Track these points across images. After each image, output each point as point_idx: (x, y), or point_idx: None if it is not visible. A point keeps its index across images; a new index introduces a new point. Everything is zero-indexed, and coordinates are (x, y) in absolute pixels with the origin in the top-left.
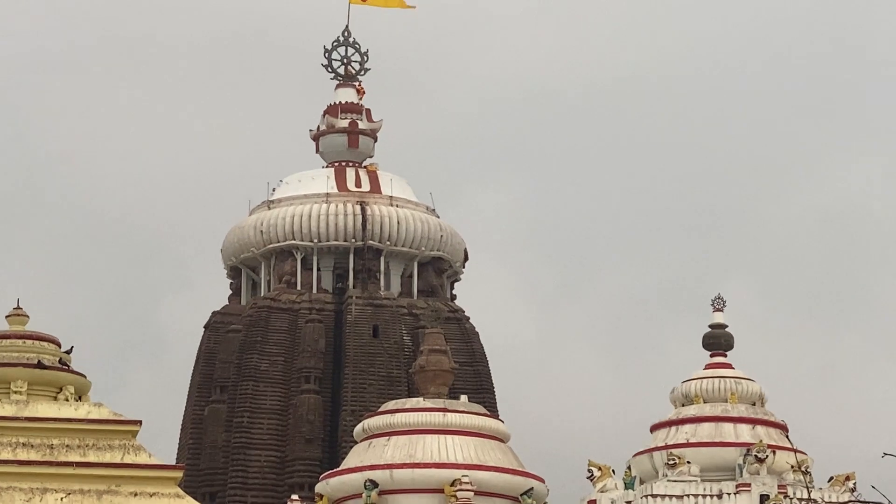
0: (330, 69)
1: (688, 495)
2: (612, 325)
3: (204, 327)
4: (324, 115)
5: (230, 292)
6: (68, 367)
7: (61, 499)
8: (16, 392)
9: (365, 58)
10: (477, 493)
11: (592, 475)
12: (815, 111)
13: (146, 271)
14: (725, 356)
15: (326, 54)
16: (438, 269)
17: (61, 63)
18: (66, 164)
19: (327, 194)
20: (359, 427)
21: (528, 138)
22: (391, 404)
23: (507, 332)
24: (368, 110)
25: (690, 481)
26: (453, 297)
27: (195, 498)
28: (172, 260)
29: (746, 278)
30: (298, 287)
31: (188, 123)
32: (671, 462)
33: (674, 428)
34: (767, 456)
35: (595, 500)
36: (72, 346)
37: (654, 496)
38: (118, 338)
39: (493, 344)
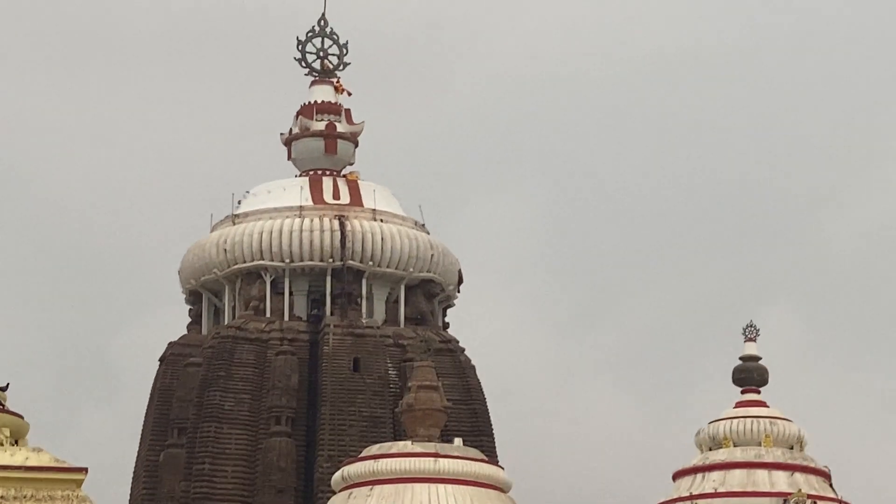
0: (304, 63)
1: None
2: (633, 358)
3: (159, 360)
4: (297, 117)
5: (189, 320)
6: (3, 406)
7: None
8: None
9: (344, 50)
10: None
11: None
12: (866, 119)
13: (94, 296)
14: (759, 392)
15: (300, 46)
16: (429, 293)
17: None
18: (3, 176)
19: (301, 207)
20: (337, 475)
21: (539, 141)
22: (374, 449)
23: (508, 366)
24: (348, 111)
25: None
26: (446, 326)
27: None
28: (124, 284)
29: (787, 304)
30: (268, 314)
31: (141, 127)
32: None
33: (700, 475)
34: None
35: None
36: (7, 383)
37: None
38: (62, 373)
39: (491, 379)
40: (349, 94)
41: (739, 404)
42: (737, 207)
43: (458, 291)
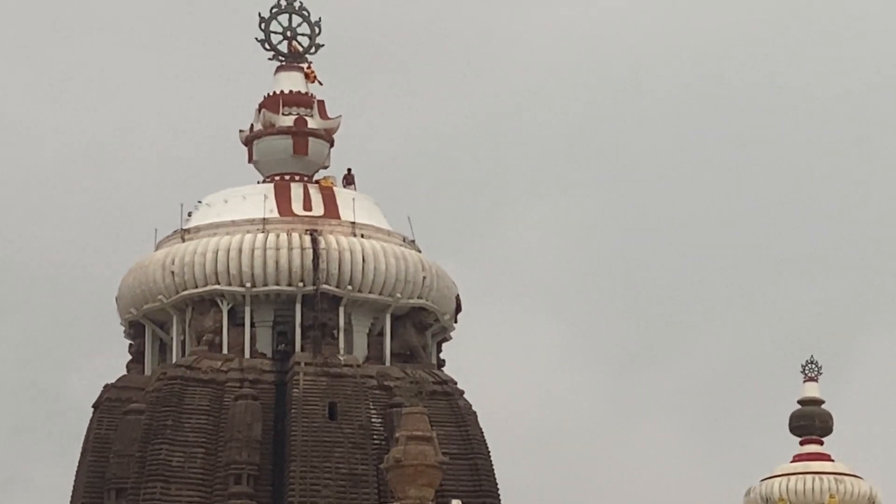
0: (267, 46)
1: None
2: (699, 402)
3: (93, 407)
4: (259, 110)
5: (129, 357)
6: None
7: None
8: None
9: (316, 29)
10: None
11: None
12: None
13: (13, 330)
14: (822, 443)
15: (263, 25)
16: (420, 324)
17: None
18: None
19: (264, 220)
20: None
21: (589, 141)
22: None
23: (515, 412)
24: (321, 102)
25: None
26: (441, 364)
27: None
28: (47, 313)
29: (885, 334)
30: (224, 350)
31: (68, 122)
32: None
33: None
34: None
35: None
36: None
37: None
38: (12, 421)
39: (495, 428)
40: (321, 83)
41: (798, 458)
42: (828, 223)
43: (456, 322)
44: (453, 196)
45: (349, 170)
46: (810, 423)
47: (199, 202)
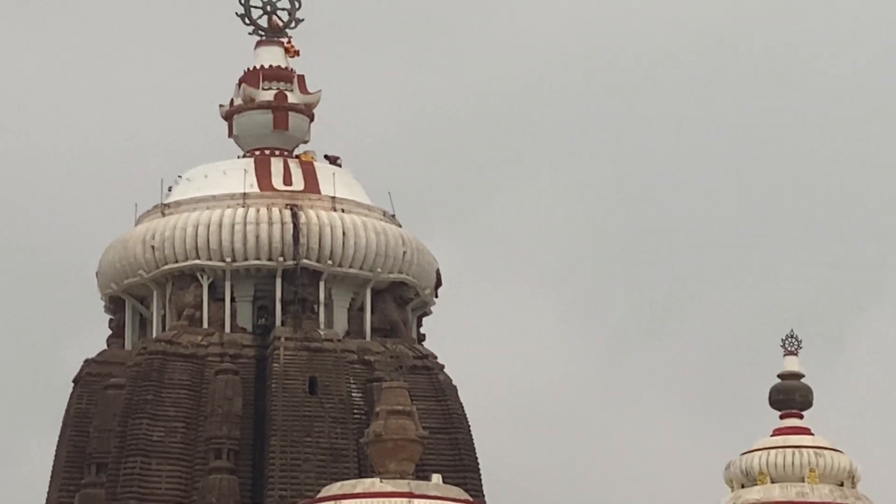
0: (247, 20)
1: None
2: (697, 377)
3: (73, 382)
4: (239, 85)
5: (109, 332)
6: None
7: None
8: None
9: (297, 4)
10: None
11: None
12: None
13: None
14: (801, 417)
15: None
16: (400, 298)
17: None
18: None
19: (244, 195)
20: None
21: (584, 114)
22: (335, 488)
23: (495, 386)
24: (302, 77)
25: None
26: (421, 338)
27: None
28: (26, 288)
29: (886, 310)
30: (205, 324)
31: (49, 97)
32: None
33: None
34: None
35: None
36: None
37: None
38: (6, 397)
39: (476, 402)
40: (297, 53)
41: (778, 431)
42: (832, 195)
43: (436, 296)
44: (447, 170)
45: (333, 157)
46: (790, 397)
47: (179, 177)
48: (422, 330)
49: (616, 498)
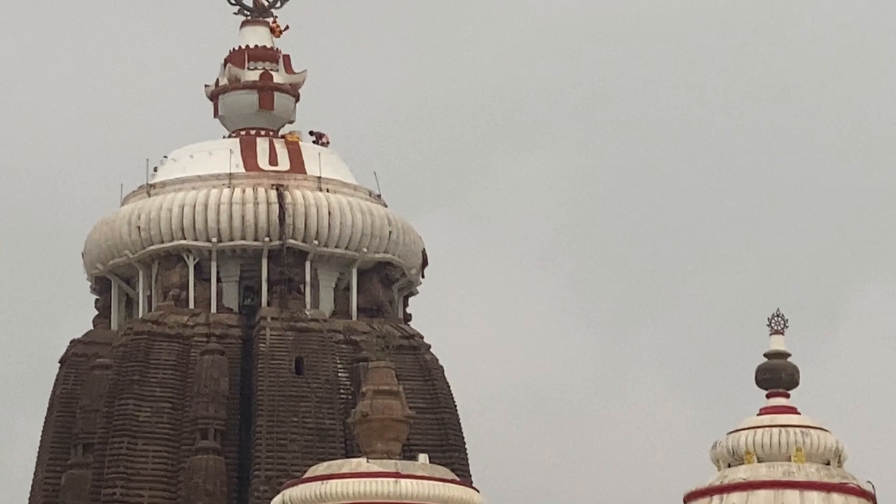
0: (233, 0)
1: None
2: (689, 357)
3: (59, 362)
4: (225, 65)
5: (95, 313)
6: None
7: None
8: None
9: None
10: None
11: None
12: None
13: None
14: (788, 396)
15: None
16: (386, 278)
17: None
18: None
19: (230, 175)
20: (277, 500)
21: (575, 90)
22: (322, 468)
23: (484, 366)
24: (287, 57)
25: None
26: (408, 318)
27: None
28: (12, 269)
29: (881, 287)
30: (191, 305)
31: (33, 78)
32: None
33: (717, 497)
34: None
35: None
36: None
37: None
38: None
39: (463, 382)
40: (282, 30)
41: (764, 411)
42: (824, 174)
43: (422, 276)
44: (437, 150)
45: (318, 134)
46: (776, 376)
47: (165, 157)
48: (408, 310)
49: (605, 477)
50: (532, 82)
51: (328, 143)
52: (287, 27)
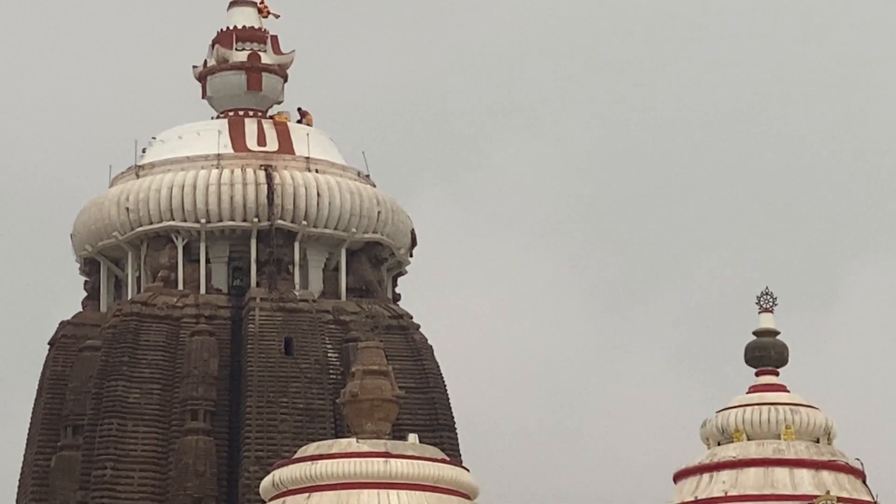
0: None
1: None
2: (686, 335)
3: (49, 344)
4: (212, 46)
5: (84, 294)
6: None
7: None
8: None
9: None
10: None
11: None
12: None
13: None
14: (777, 374)
15: None
16: (375, 258)
17: None
18: None
19: (219, 156)
20: (267, 480)
21: (574, 70)
22: (312, 448)
23: (473, 345)
24: (275, 38)
25: None
26: (396, 298)
27: None
28: (1, 252)
29: (878, 264)
30: (180, 286)
31: (21, 59)
32: None
33: (706, 476)
34: None
35: None
36: None
37: None
38: None
39: (451, 361)
40: (276, 16)
41: (753, 389)
42: (825, 150)
43: (411, 256)
44: (435, 129)
45: (301, 111)
46: (766, 353)
47: (154, 138)
48: (398, 290)
49: (597, 456)
50: (531, 59)
51: (311, 123)
52: (278, 16)
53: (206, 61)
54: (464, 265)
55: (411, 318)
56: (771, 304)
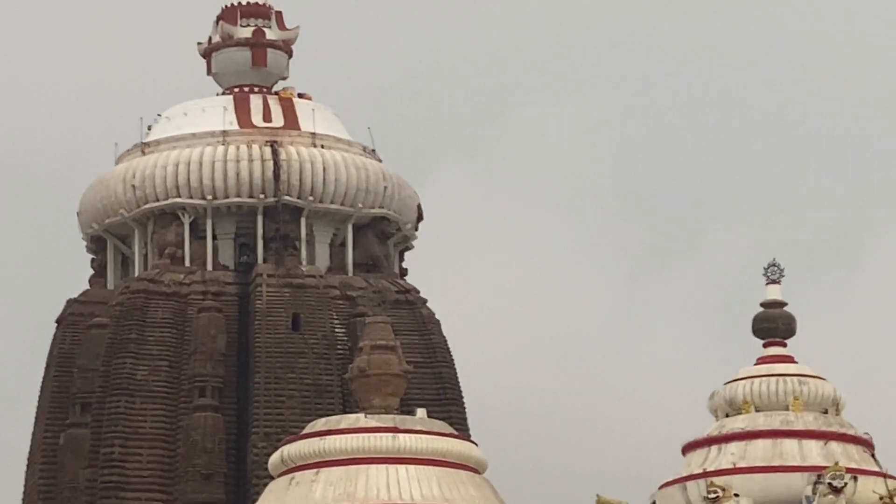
0: None
1: None
2: (697, 302)
3: (56, 322)
4: (217, 22)
5: (91, 272)
6: None
7: None
8: None
9: None
10: None
11: None
12: None
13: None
14: (785, 346)
15: None
16: (382, 233)
17: None
18: None
19: (224, 132)
20: (276, 456)
21: (596, 37)
22: (320, 424)
23: (479, 318)
24: (279, 13)
25: None
26: (403, 273)
27: None
28: (8, 230)
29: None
30: (187, 263)
31: (26, 38)
32: (712, 495)
33: (715, 448)
34: (846, 483)
35: None
36: None
37: None
38: None
39: (458, 336)
40: None
41: (761, 360)
42: (851, 116)
43: (417, 230)
44: (455, 102)
45: (301, 95)
46: (773, 325)
47: (159, 115)
48: (404, 265)
49: (608, 431)
50: (552, 32)
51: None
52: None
53: (210, 38)
54: (473, 239)
55: (418, 292)
56: (778, 275)
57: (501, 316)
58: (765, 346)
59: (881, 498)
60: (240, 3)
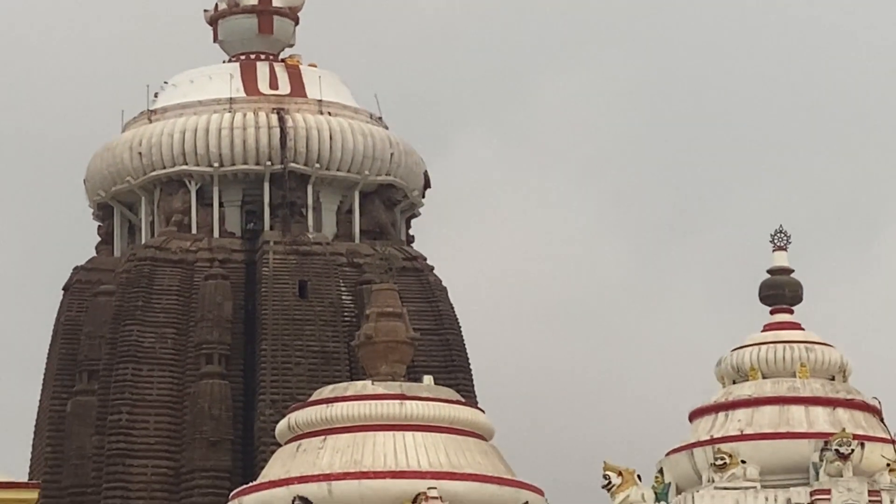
0: None
1: None
2: (714, 272)
3: (63, 289)
4: None
5: (98, 239)
6: None
7: None
8: None
9: None
10: None
11: (610, 483)
12: None
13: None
14: (792, 312)
15: None
16: (388, 200)
17: None
18: None
19: (231, 99)
20: (283, 423)
21: (605, 6)
22: (327, 391)
23: (484, 286)
24: None
25: (747, 488)
26: (410, 240)
27: None
28: (15, 197)
29: None
30: (193, 230)
31: (34, 5)
32: (719, 462)
33: (722, 414)
34: (853, 450)
35: None
36: None
37: None
38: None
39: (465, 302)
40: None
41: (768, 327)
42: (870, 88)
43: (424, 197)
44: (476, 67)
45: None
46: (780, 292)
47: (165, 83)
48: (411, 232)
49: (617, 398)
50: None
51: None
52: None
53: (217, 5)
54: (484, 205)
55: (425, 259)
56: (785, 242)
57: (509, 283)
58: (772, 312)
59: (888, 464)
60: None
